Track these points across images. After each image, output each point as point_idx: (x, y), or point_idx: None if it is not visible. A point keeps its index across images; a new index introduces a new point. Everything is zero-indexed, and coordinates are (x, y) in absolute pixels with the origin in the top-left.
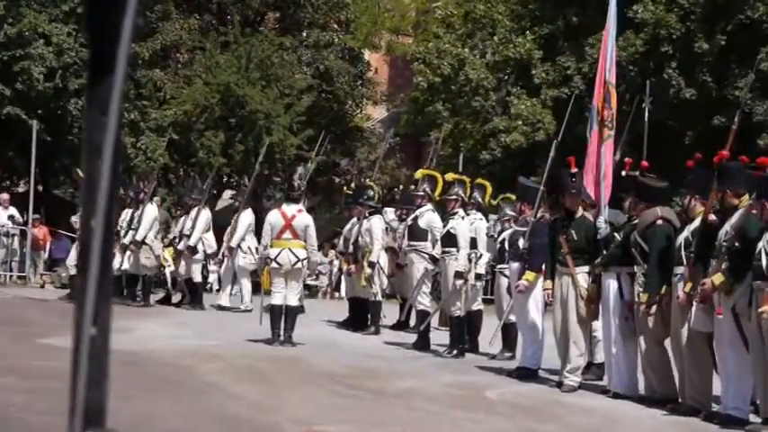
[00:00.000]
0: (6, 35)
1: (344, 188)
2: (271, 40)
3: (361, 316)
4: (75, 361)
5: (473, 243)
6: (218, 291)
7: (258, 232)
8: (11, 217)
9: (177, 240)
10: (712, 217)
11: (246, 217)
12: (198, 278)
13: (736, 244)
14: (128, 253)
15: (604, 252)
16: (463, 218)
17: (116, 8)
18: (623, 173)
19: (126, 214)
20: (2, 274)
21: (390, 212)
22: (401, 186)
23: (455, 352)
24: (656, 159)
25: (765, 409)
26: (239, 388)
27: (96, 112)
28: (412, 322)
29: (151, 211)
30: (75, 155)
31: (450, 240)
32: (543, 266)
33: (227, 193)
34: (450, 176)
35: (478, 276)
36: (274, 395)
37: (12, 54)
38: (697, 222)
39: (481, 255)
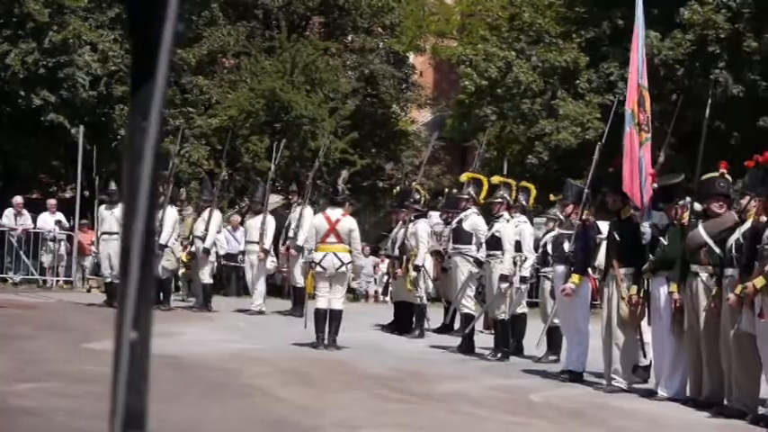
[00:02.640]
0: (51, 42)
1: (394, 191)
2: (315, 45)
3: (405, 319)
4: (116, 365)
5: (518, 246)
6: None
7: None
8: (58, 222)
9: (189, 242)
10: (764, 218)
11: (273, 221)
12: (208, 280)
13: None
14: None
15: (651, 257)
16: (508, 221)
17: (158, 14)
18: (654, 185)
19: None
20: (49, 279)
21: (435, 216)
22: (446, 191)
23: (500, 355)
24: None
25: None
26: (285, 391)
27: (138, 118)
28: (456, 325)
29: (171, 214)
30: (120, 160)
31: (495, 243)
32: (588, 269)
33: (273, 198)
34: (495, 179)
35: (523, 279)
36: (320, 398)
37: (57, 61)
38: (748, 224)
39: (526, 258)
